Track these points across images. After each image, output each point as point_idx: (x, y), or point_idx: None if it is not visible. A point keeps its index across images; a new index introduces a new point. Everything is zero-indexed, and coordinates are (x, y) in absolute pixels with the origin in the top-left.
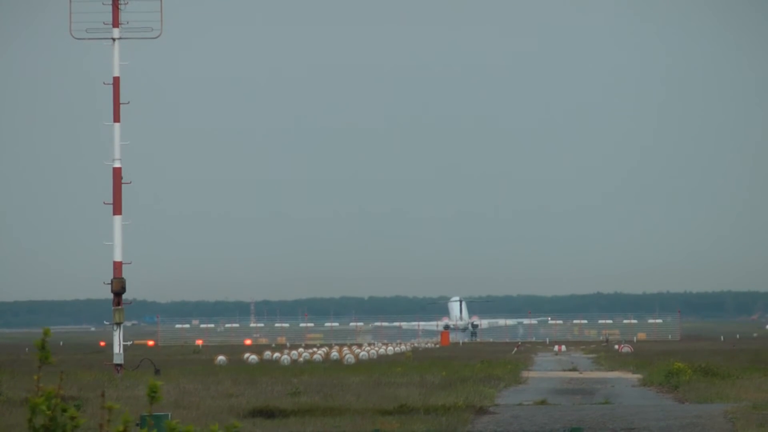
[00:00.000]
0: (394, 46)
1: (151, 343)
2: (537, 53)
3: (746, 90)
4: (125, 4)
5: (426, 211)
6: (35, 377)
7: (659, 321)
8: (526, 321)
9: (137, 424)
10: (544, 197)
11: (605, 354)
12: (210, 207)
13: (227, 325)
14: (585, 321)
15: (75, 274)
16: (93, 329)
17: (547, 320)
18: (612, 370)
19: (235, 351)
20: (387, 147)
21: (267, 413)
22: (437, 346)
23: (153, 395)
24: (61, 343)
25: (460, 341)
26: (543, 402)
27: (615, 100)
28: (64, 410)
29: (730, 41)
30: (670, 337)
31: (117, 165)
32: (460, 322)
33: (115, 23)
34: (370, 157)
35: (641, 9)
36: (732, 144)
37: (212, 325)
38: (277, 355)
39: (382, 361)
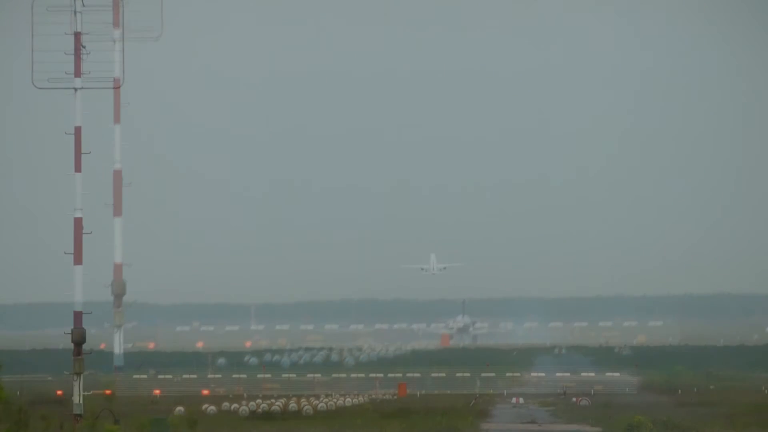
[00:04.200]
0: (392, 48)
1: (108, 392)
2: (538, 54)
3: (747, 90)
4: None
5: (426, 212)
6: None
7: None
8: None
9: None
10: (544, 198)
11: (563, 407)
12: (211, 207)
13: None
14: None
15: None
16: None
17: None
18: (570, 423)
19: (193, 401)
20: (386, 148)
21: None
22: (395, 397)
23: None
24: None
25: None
26: None
27: (617, 100)
28: None
29: (731, 43)
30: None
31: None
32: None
33: (77, 73)
34: (369, 158)
35: (643, 10)
36: (733, 145)
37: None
38: (235, 405)
39: (342, 412)
